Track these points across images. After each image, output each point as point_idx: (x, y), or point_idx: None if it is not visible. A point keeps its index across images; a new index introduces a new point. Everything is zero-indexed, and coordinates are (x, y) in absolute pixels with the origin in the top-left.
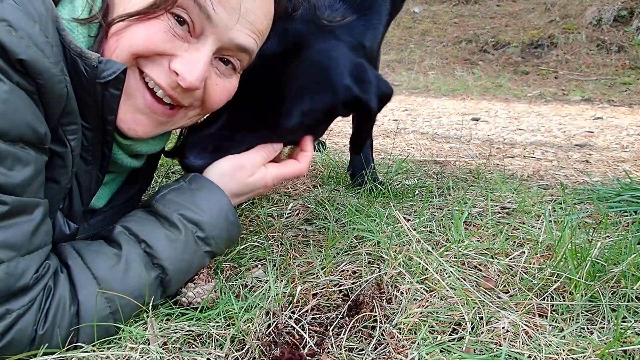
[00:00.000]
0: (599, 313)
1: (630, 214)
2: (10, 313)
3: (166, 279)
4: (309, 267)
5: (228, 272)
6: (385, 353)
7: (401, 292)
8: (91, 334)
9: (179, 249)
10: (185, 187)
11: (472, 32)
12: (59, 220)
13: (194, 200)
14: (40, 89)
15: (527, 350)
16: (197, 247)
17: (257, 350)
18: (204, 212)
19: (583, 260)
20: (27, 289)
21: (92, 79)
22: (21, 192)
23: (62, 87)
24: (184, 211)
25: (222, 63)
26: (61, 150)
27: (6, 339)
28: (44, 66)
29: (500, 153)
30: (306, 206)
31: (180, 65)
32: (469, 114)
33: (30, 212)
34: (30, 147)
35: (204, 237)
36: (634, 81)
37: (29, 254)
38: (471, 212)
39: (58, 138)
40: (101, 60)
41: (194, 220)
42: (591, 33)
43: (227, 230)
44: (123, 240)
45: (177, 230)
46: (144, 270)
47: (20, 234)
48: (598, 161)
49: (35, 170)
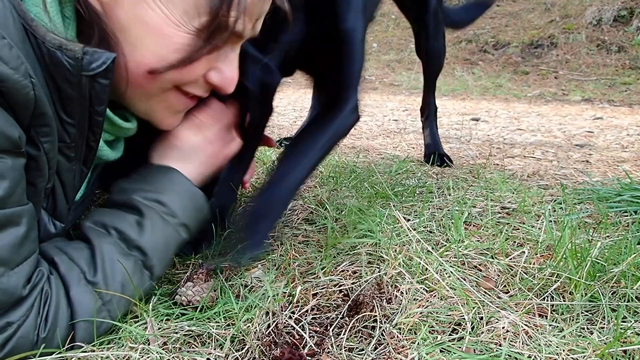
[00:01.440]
0: (599, 313)
1: (630, 214)
2: (10, 325)
3: (147, 261)
4: (309, 267)
5: (228, 272)
6: (385, 353)
7: (401, 292)
8: (88, 329)
9: (148, 227)
10: (134, 175)
11: (472, 32)
12: (44, 219)
13: (146, 181)
14: (5, 96)
15: (527, 350)
16: (165, 222)
17: (257, 350)
18: (160, 189)
19: (583, 260)
20: (23, 299)
21: (78, 72)
22: (3, 205)
23: (26, 92)
24: (141, 193)
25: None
26: (34, 153)
27: (7, 347)
28: (3, 74)
29: (500, 153)
30: (306, 206)
31: (217, 78)
32: (469, 114)
33: (16, 223)
34: (5, 155)
35: (168, 212)
36: (634, 81)
37: (19, 266)
38: (471, 212)
39: (31, 140)
40: (86, 51)
41: (154, 198)
42: (591, 33)
43: (190, 199)
44: (93, 235)
45: (140, 210)
46: (122, 258)
47: (7, 247)
48: (598, 161)
49: (14, 179)
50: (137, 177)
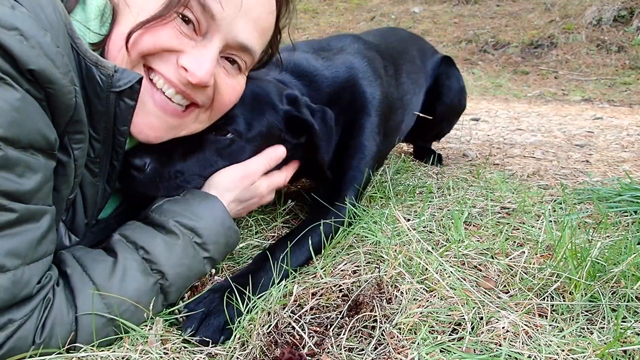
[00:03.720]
0: (599, 313)
1: (630, 214)
2: (12, 322)
3: (166, 285)
4: (309, 267)
5: (228, 272)
6: (385, 353)
7: (401, 292)
8: (89, 340)
9: (177, 254)
10: (179, 198)
11: (472, 32)
12: (61, 231)
13: (189, 208)
14: (49, 98)
15: (527, 350)
16: (195, 253)
17: (258, 350)
18: (200, 218)
19: (583, 260)
20: (30, 298)
21: (107, 88)
22: (30, 199)
23: (70, 97)
24: (179, 218)
25: (229, 62)
26: (64, 159)
27: (5, 347)
28: (54, 76)
29: (500, 153)
30: (305, 206)
31: (188, 61)
32: (469, 114)
33: (37, 219)
34: (40, 153)
35: (201, 243)
36: (634, 81)
37: (34, 262)
38: (471, 212)
39: (63, 146)
40: (117, 69)
41: (190, 227)
42: (591, 33)
43: (225, 235)
44: (120, 248)
45: (174, 236)
46: (142, 277)
47: (26, 242)
48: (598, 161)
49: (45, 177)
50: (180, 200)
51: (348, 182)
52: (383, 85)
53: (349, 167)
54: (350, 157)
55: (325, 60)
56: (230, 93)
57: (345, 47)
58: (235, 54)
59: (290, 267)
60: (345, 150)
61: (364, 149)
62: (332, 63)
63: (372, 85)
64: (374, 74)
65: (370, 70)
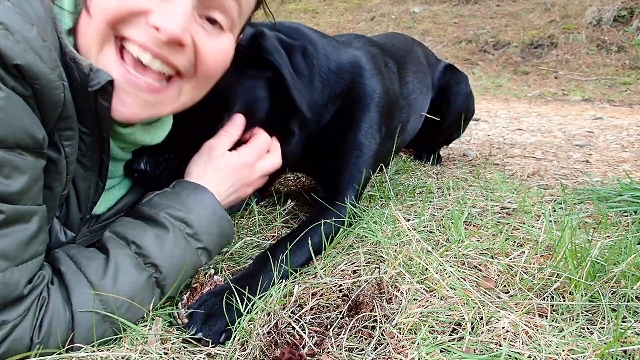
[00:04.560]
0: (599, 313)
1: (630, 214)
2: (6, 324)
3: (160, 278)
4: (309, 267)
5: (227, 272)
6: (385, 353)
7: (401, 292)
8: (87, 338)
9: (169, 246)
10: (169, 190)
11: (472, 32)
12: (56, 227)
13: (179, 199)
14: (37, 94)
15: (527, 350)
16: (187, 243)
17: (258, 350)
18: (190, 209)
19: (583, 260)
20: (22, 298)
21: (84, 85)
22: (19, 199)
23: (59, 92)
24: (170, 210)
25: (209, 23)
26: (55, 156)
27: (2, 348)
28: (41, 71)
29: (500, 153)
30: (305, 205)
31: (157, 18)
32: None
33: (26, 220)
34: (27, 152)
35: (192, 234)
36: (634, 81)
37: (23, 264)
38: (471, 212)
39: (53, 144)
40: (92, 67)
41: (181, 218)
42: (591, 33)
43: (217, 225)
44: (111, 245)
45: (164, 228)
46: (136, 271)
47: (15, 243)
48: (598, 161)
49: (33, 177)
50: (170, 193)
51: (347, 181)
52: (384, 81)
53: (347, 166)
54: (348, 154)
55: (330, 44)
56: (214, 55)
57: (350, 41)
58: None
59: (291, 268)
60: (342, 145)
61: (362, 146)
62: (338, 50)
63: (373, 79)
64: (375, 68)
65: (372, 64)
